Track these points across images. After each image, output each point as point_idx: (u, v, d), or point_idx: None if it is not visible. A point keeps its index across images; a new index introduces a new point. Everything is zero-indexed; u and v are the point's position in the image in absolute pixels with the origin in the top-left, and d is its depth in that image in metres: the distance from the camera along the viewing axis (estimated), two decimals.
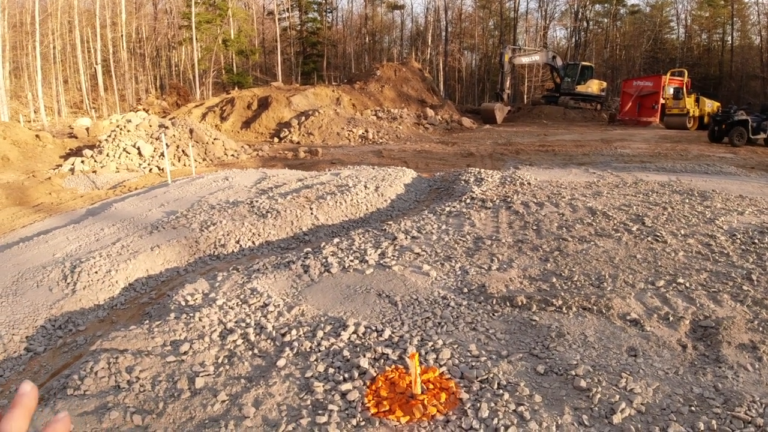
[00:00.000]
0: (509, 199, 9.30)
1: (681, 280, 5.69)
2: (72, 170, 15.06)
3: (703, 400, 3.73)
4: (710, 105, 29.03)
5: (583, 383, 3.91)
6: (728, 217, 8.06)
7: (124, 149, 15.86)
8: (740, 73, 52.64)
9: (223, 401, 3.87)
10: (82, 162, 15.50)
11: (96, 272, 6.73)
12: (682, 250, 6.63)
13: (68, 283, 6.45)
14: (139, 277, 7.13)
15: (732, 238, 7.05)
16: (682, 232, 7.31)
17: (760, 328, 4.67)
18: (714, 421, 3.45)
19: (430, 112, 31.37)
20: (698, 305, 5.16)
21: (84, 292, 6.35)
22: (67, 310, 6.03)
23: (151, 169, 15.33)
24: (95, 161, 15.54)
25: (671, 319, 4.90)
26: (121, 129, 16.86)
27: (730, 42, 55.94)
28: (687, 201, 9.22)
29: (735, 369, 4.11)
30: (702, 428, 3.39)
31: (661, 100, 30.26)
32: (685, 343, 4.51)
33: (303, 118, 24.97)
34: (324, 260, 6.63)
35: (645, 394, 3.81)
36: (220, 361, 4.42)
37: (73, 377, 4.09)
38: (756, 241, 6.90)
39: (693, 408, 3.64)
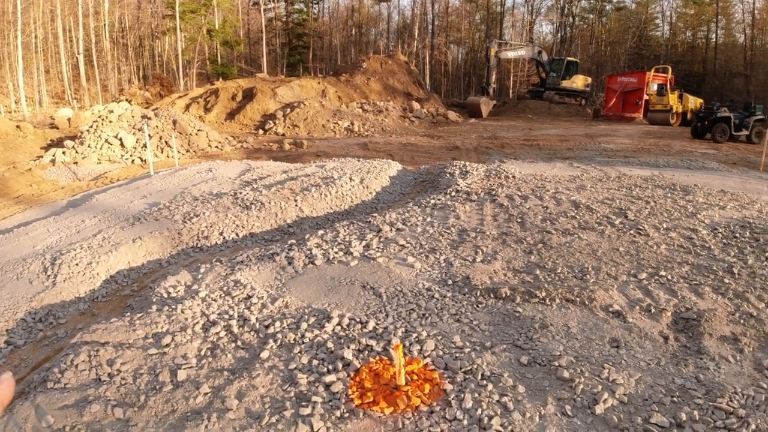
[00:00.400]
0: (494, 192, 9.33)
1: (663, 273, 5.76)
2: (53, 161, 14.78)
3: (685, 390, 3.78)
4: (693, 102, 29.42)
5: (566, 374, 3.94)
6: (710, 212, 8.17)
7: (106, 140, 15.59)
8: (724, 71, 53.33)
9: (206, 394, 3.82)
10: (64, 153, 15.21)
11: (77, 264, 6.62)
12: (664, 244, 6.70)
13: (49, 276, 6.33)
14: (121, 270, 7.02)
15: (714, 232, 7.15)
16: (665, 226, 7.39)
17: (742, 321, 4.74)
18: (696, 412, 3.49)
19: (416, 105, 31.34)
20: (680, 297, 5.22)
21: (65, 285, 6.24)
22: (48, 303, 5.92)
23: (133, 161, 15.10)
24: (76, 152, 15.26)
25: (653, 311, 4.96)
26: (103, 120, 16.56)
27: (714, 39, 56.63)
28: (669, 195, 9.33)
29: (716, 360, 4.17)
30: (684, 419, 3.43)
31: (645, 97, 30.57)
32: (667, 335, 4.56)
33: (288, 110, 24.78)
34: (308, 252, 6.59)
35: (627, 384, 3.85)
36: (202, 353, 4.37)
37: (54, 370, 4.01)
38: (737, 235, 7.00)
39: (675, 398, 3.69)
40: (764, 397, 3.64)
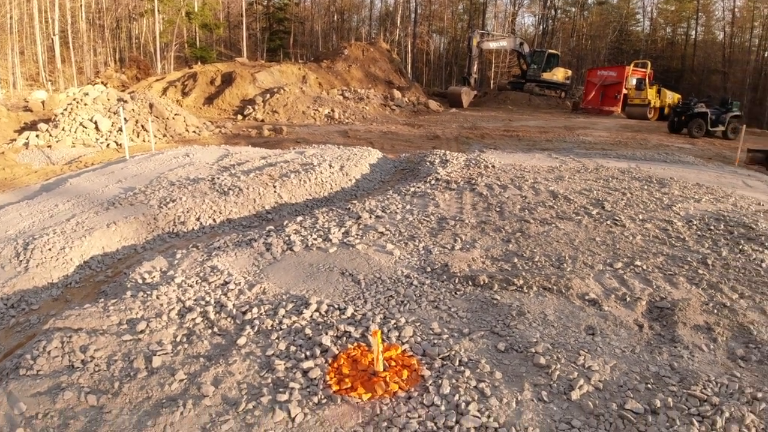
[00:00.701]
0: (473, 181, 9.36)
1: (638, 263, 5.85)
2: (26, 145, 14.36)
3: (660, 378, 3.85)
4: (671, 97, 29.87)
5: (542, 360, 3.98)
6: (685, 204, 8.32)
7: (81, 123, 15.20)
8: (702, 68, 54.16)
9: (182, 380, 3.77)
10: (37, 136, 14.79)
11: (50, 249, 6.46)
12: (640, 234, 6.81)
13: (21, 261, 6.17)
14: (95, 255, 6.88)
15: (689, 224, 7.28)
16: (641, 217, 7.50)
17: (715, 311, 4.84)
18: (670, 399, 3.56)
19: (397, 93, 31.22)
20: (655, 287, 5.31)
21: (37, 270, 6.09)
22: (20, 289, 5.78)
23: (108, 145, 14.77)
24: (51, 135, 14.85)
25: (628, 299, 5.04)
26: (78, 102, 16.11)
27: (693, 36, 57.43)
28: (646, 187, 9.47)
29: (690, 349, 4.26)
30: (658, 405, 3.49)
31: (624, 90, 30.92)
32: (642, 323, 4.64)
33: (268, 95, 24.44)
34: (287, 238, 6.52)
35: (603, 371, 3.91)
36: (178, 339, 4.30)
37: (26, 357, 3.91)
38: (712, 227, 7.14)
39: (649, 385, 3.75)
40: (738, 386, 3.72)
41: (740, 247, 6.41)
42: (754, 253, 6.23)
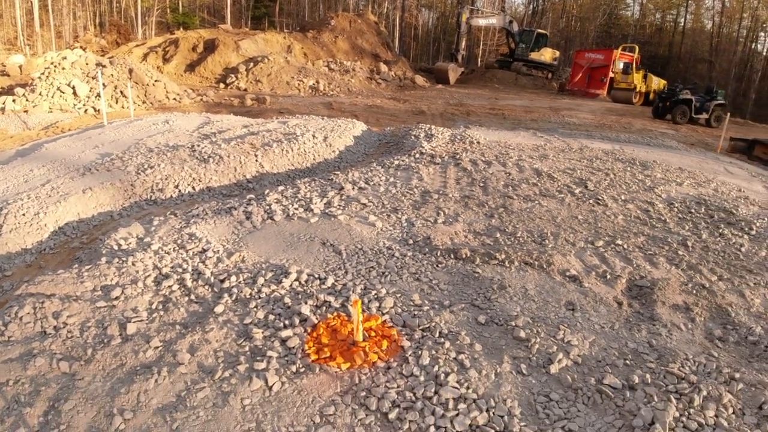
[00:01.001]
0: (458, 156, 9.30)
1: (619, 242, 5.88)
2: (2, 110, 13.85)
3: (638, 354, 3.88)
4: (657, 83, 29.98)
5: (522, 334, 3.99)
6: (667, 187, 8.39)
7: (58, 88, 14.69)
8: (689, 56, 54.27)
9: (157, 347, 3.69)
10: (14, 101, 14.27)
11: (23, 215, 6.26)
12: (621, 214, 6.85)
13: None
14: (70, 221, 6.69)
15: (670, 206, 7.34)
16: (623, 198, 7.55)
17: (694, 291, 4.89)
18: (648, 375, 3.59)
19: (383, 67, 30.79)
20: (635, 266, 5.35)
21: (10, 236, 5.90)
22: None
23: (86, 110, 14.34)
24: (27, 100, 14.35)
25: (609, 277, 5.07)
26: (55, 67, 15.52)
27: (682, 24, 57.37)
28: (629, 169, 9.52)
29: (669, 327, 4.30)
30: (636, 381, 3.52)
31: (611, 74, 30.94)
32: (621, 301, 4.68)
33: (251, 64, 23.88)
34: (267, 207, 6.41)
35: (582, 346, 3.93)
36: (154, 307, 4.21)
37: None
38: (693, 210, 7.21)
39: (628, 362, 3.78)
40: (715, 365, 3.77)
41: (720, 231, 6.49)
42: (734, 237, 6.32)
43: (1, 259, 5.61)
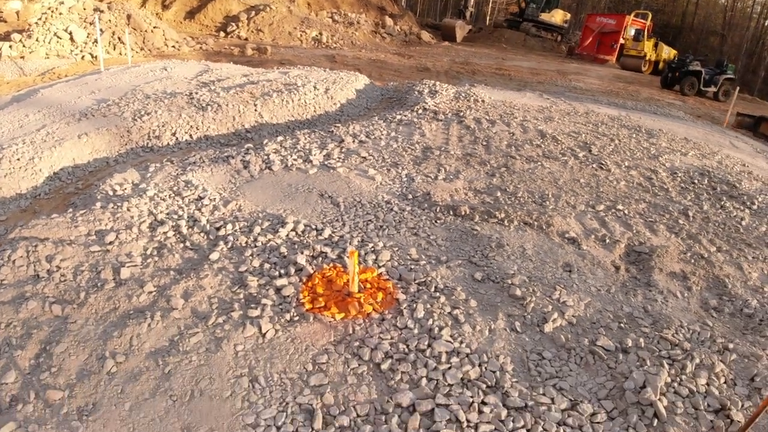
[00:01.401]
0: (462, 114, 9.11)
1: (620, 207, 5.82)
2: None
3: (633, 319, 3.87)
4: (667, 52, 29.27)
5: (518, 292, 3.97)
6: (672, 156, 8.27)
7: (55, 34, 14.31)
8: (701, 27, 52.79)
9: (150, 292, 3.66)
10: (10, 47, 13.91)
11: (18, 159, 6.16)
12: (624, 180, 6.77)
13: None
14: (65, 166, 6.59)
15: (673, 175, 7.25)
16: (626, 164, 7.44)
17: (692, 261, 4.86)
18: (642, 340, 3.59)
19: (389, 21, 29.94)
20: (635, 231, 5.31)
21: (5, 180, 5.81)
22: None
23: (83, 57, 14.00)
24: (24, 46, 14.00)
25: (608, 241, 5.03)
26: (53, 12, 15.08)
27: None
28: (634, 136, 9.37)
29: (665, 294, 4.28)
30: (630, 344, 3.52)
31: (621, 40, 30.17)
32: (619, 265, 4.65)
33: (253, 12, 23.16)
34: (266, 157, 6.29)
35: (577, 307, 3.92)
36: (148, 252, 4.16)
37: None
38: (696, 181, 7.13)
39: (622, 325, 3.78)
40: (709, 334, 3.77)
41: (722, 203, 6.43)
42: (735, 210, 6.26)
43: None
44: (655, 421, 2.91)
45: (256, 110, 8.71)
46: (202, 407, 2.81)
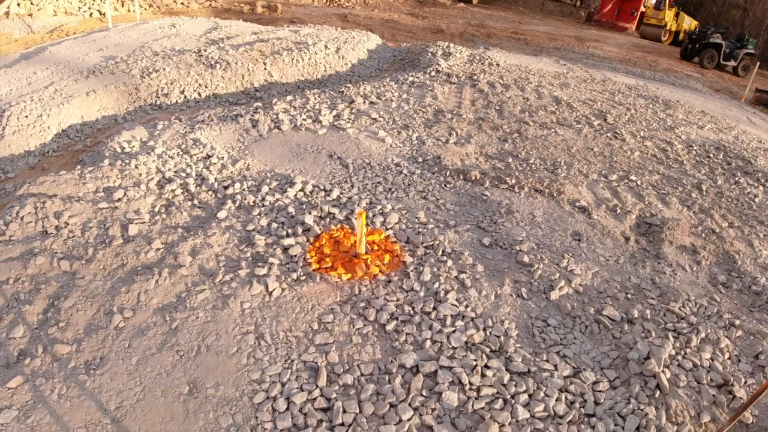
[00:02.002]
0: (475, 77, 8.92)
1: (633, 178, 5.72)
2: (7, 14, 13.30)
3: (640, 290, 3.84)
4: (688, 23, 28.34)
5: (526, 259, 3.94)
6: (688, 129, 8.09)
7: None
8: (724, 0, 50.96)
9: (158, 249, 3.67)
10: (18, 5, 13.69)
11: (26, 117, 6.12)
12: (638, 151, 6.64)
13: None
14: (73, 124, 6.55)
15: (688, 148, 7.10)
16: (642, 134, 7.29)
17: (703, 235, 4.79)
18: (648, 311, 3.56)
19: None
20: (647, 203, 5.22)
21: (13, 138, 5.78)
22: None
23: (91, 14, 13.78)
24: (32, 4, 13.77)
25: (619, 211, 4.96)
26: None
27: None
28: (651, 106, 9.16)
29: (674, 267, 4.23)
30: (636, 315, 3.50)
31: (642, 8, 29.22)
32: (629, 236, 4.59)
33: None
34: (275, 116, 6.21)
35: (584, 276, 3.88)
36: (156, 209, 4.16)
37: None
38: (711, 155, 6.98)
39: (629, 296, 3.75)
40: (716, 309, 3.73)
41: (736, 178, 6.31)
42: (749, 187, 6.14)
43: (4, 161, 5.53)
44: (657, 392, 2.90)
45: (265, 69, 8.57)
46: (209, 362, 2.84)
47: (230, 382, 2.74)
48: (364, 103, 7.03)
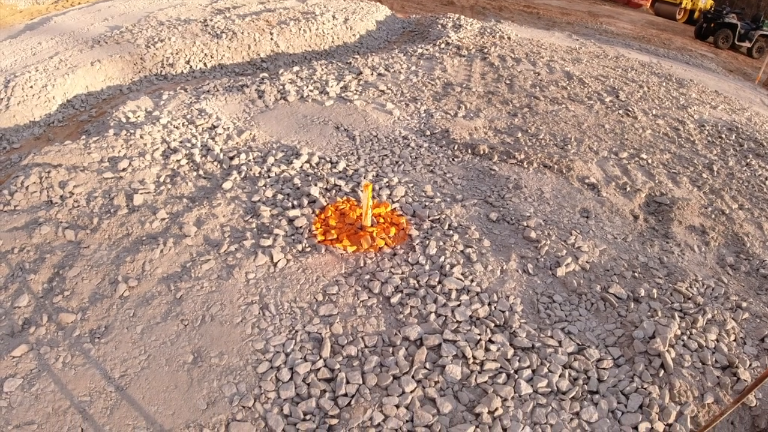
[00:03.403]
0: (486, 50, 8.73)
1: (644, 156, 5.63)
2: None
3: (647, 269, 3.80)
4: (704, 1, 27.66)
5: (533, 234, 3.89)
6: (701, 108, 7.92)
7: None
8: None
9: (163, 219, 3.65)
10: None
11: (31, 87, 6.07)
12: (650, 129, 6.52)
13: (1, 99, 5.79)
14: (78, 94, 6.51)
15: (701, 128, 6.97)
16: (654, 112, 7.15)
17: (713, 216, 4.71)
18: (655, 290, 3.52)
19: None
20: (657, 182, 5.14)
21: (18, 108, 5.74)
22: (1, 127, 5.47)
23: None
24: None
25: (628, 189, 4.88)
26: None
27: None
28: (664, 84, 8.97)
29: (682, 247, 4.18)
30: (642, 294, 3.46)
31: None
32: (638, 215, 4.53)
33: None
34: (281, 87, 6.12)
35: (592, 253, 3.84)
36: (161, 179, 4.13)
37: (3, 192, 3.74)
38: (723, 136, 6.84)
39: (636, 274, 3.71)
40: (723, 291, 3.68)
41: (748, 160, 6.19)
42: (761, 169, 6.02)
43: (9, 132, 5.51)
44: (662, 371, 2.89)
45: (272, 39, 8.43)
46: (213, 332, 2.84)
47: (234, 351, 2.75)
48: (372, 74, 6.91)
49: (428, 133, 5.43)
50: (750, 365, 3.06)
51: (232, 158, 4.48)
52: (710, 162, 5.88)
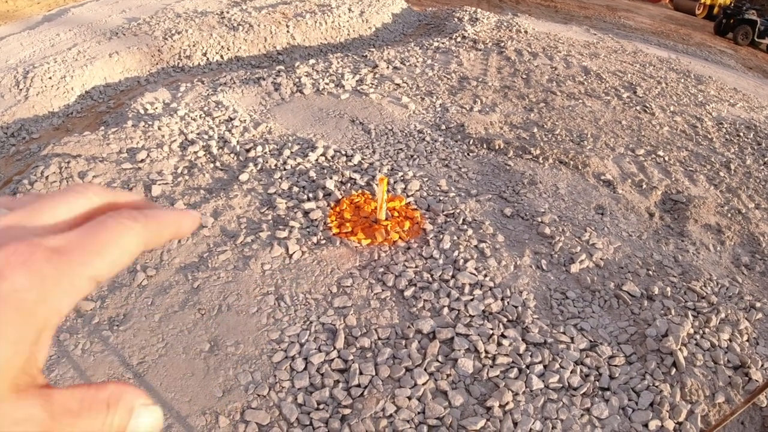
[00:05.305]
0: (502, 44, 8.68)
1: (661, 153, 5.58)
2: None
3: (662, 267, 3.78)
4: None
5: (547, 230, 3.89)
6: (719, 105, 7.81)
7: None
8: None
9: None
10: None
11: (50, 78, 6.17)
12: (667, 126, 6.45)
13: (21, 89, 5.89)
14: (97, 85, 6.59)
15: (719, 125, 6.88)
16: (671, 109, 7.07)
17: (729, 215, 4.67)
18: (669, 289, 3.51)
19: None
20: (673, 179, 5.10)
21: (37, 99, 5.84)
22: (20, 117, 5.56)
23: None
24: None
25: (644, 186, 4.85)
26: None
27: None
28: (682, 81, 8.85)
29: (697, 246, 4.15)
30: (656, 292, 3.45)
31: None
32: (654, 212, 4.50)
33: None
34: (297, 80, 6.15)
35: (606, 250, 3.83)
36: (179, 171, 4.18)
37: (23, 182, 3.82)
38: (741, 134, 6.75)
39: (650, 272, 3.69)
40: (738, 290, 3.66)
41: (766, 159, 6.10)
42: None
43: (29, 122, 5.60)
44: (674, 370, 2.88)
45: (288, 31, 8.47)
46: (229, 321, 2.89)
47: (250, 340, 2.80)
48: (388, 68, 6.92)
49: (443, 127, 5.43)
50: (762, 366, 3.04)
51: (248, 150, 4.53)
52: (727, 160, 5.82)
